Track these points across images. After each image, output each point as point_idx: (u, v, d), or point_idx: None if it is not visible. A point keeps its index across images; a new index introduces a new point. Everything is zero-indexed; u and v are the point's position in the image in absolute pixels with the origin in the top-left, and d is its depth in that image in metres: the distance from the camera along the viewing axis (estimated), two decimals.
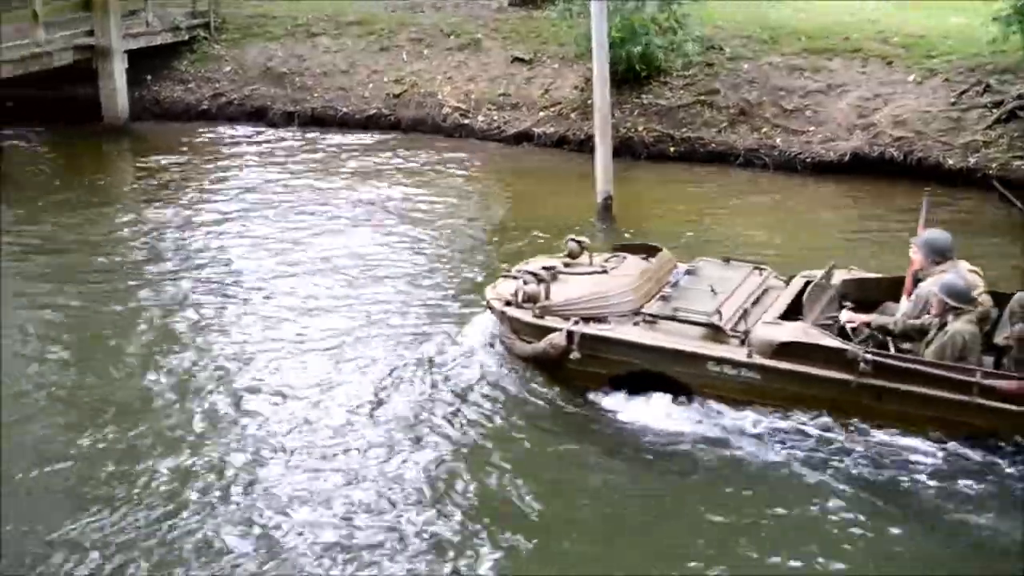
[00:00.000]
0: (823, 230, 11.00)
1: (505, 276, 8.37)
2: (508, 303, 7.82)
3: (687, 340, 7.25)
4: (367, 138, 14.45)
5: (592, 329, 7.37)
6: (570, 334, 7.30)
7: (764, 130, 12.97)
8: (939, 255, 7.08)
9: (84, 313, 8.85)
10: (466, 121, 14.35)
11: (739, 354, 7.06)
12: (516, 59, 15.16)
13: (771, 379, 6.99)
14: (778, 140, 12.79)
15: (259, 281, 9.34)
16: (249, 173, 12.96)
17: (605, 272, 8.23)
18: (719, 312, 7.26)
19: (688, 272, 8.16)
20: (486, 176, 12.90)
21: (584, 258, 8.36)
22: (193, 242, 10.48)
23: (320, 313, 8.57)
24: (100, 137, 14.63)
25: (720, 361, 7.08)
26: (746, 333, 7.13)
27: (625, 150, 12.43)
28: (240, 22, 16.94)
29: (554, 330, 7.38)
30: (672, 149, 13.05)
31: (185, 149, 14.00)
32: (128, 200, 12.17)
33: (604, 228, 10.67)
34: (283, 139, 14.39)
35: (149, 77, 15.77)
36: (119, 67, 14.69)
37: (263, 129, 14.94)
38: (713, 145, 13.10)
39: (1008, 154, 11.85)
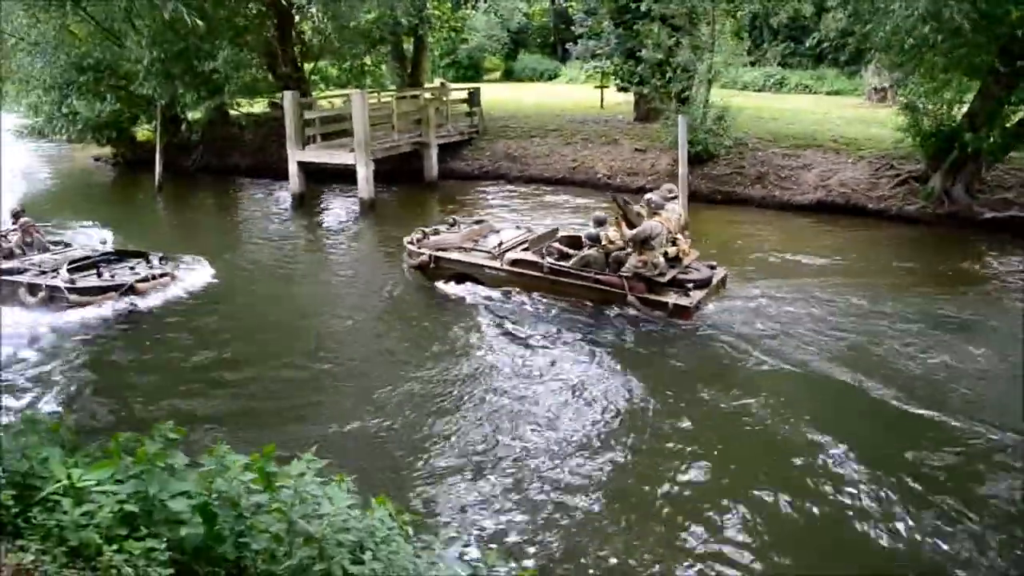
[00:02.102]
0: (797, 240, 14.12)
1: (417, 231, 11.50)
2: (409, 242, 11.27)
3: (480, 259, 10.43)
4: (557, 190, 19.14)
5: (439, 253, 10.68)
6: (430, 256, 10.66)
7: (768, 188, 17.37)
8: (599, 224, 10.00)
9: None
10: (609, 182, 19.05)
11: (498, 264, 10.21)
12: (636, 149, 19.51)
13: (512, 276, 10.14)
14: (776, 193, 17.20)
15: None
16: (497, 206, 17.71)
17: (459, 232, 11.41)
18: (496, 247, 10.49)
19: (494, 231, 11.54)
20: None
21: (456, 227, 11.65)
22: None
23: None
24: (422, 190, 19.74)
25: (490, 268, 10.26)
26: (503, 256, 10.28)
27: (693, 198, 15.40)
28: (495, 129, 22.19)
29: (424, 254, 10.78)
30: (719, 197, 17.28)
31: (465, 194, 18.93)
32: (433, 223, 14.13)
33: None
34: (513, 190, 19.34)
35: (448, 157, 20.91)
36: (434, 153, 19.97)
37: (503, 184, 19.98)
38: (741, 196, 17.42)
39: (901, 203, 15.94)
